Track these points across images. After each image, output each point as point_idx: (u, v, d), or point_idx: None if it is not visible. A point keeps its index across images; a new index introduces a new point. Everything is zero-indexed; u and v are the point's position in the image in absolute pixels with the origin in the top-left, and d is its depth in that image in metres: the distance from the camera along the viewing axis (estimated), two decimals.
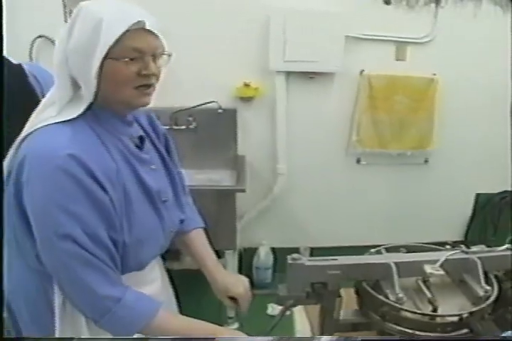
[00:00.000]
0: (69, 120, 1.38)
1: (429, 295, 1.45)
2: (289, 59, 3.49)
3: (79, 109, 1.39)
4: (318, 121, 3.85)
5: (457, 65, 3.90)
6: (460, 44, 3.86)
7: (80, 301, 1.40)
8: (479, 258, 1.56)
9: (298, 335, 1.77)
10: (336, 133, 3.92)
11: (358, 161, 4.01)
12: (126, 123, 1.54)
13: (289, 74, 3.65)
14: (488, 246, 1.69)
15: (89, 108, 1.41)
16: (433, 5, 3.82)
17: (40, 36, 3.39)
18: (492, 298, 1.48)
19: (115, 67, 1.35)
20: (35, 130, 1.39)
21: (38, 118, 1.44)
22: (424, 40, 3.82)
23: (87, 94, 1.39)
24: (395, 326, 1.46)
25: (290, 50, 3.46)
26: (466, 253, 1.61)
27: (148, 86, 1.43)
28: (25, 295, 1.52)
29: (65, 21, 3.26)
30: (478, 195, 4.39)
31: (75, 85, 1.43)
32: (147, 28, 1.37)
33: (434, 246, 1.70)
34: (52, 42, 3.35)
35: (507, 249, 1.67)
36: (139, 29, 1.35)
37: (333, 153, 3.97)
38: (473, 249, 1.65)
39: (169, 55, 1.46)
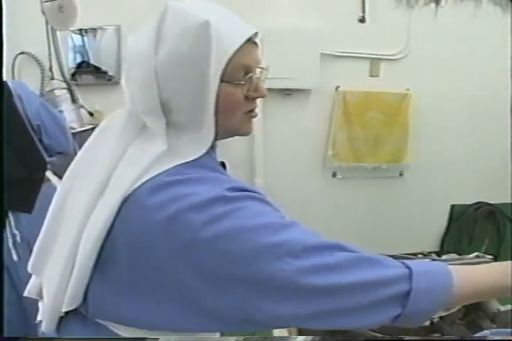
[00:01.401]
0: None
1: None
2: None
3: (202, 144, 1.10)
4: (294, 137, 3.93)
5: (430, 80, 4.02)
6: (432, 60, 3.99)
7: (367, 307, 1.01)
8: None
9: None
10: (312, 148, 3.99)
11: (334, 175, 4.07)
12: (215, 149, 1.23)
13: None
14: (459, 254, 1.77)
15: (215, 141, 1.14)
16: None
17: (22, 53, 3.41)
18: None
19: (225, 91, 1.08)
20: (158, 176, 1.03)
21: (139, 156, 1.08)
22: (398, 56, 3.95)
23: (202, 124, 1.10)
24: (369, 331, 1.53)
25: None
26: (434, 260, 1.68)
27: (254, 110, 1.18)
28: None
29: (47, 38, 3.31)
30: (453, 207, 4.48)
31: (165, 108, 1.10)
32: (256, 40, 1.16)
33: (406, 256, 1.76)
34: (35, 58, 3.41)
35: (476, 256, 1.74)
36: (246, 42, 1.09)
37: (309, 168, 4.03)
38: (444, 257, 1.73)
39: (267, 70, 1.21)
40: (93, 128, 1.22)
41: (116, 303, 1.06)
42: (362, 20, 3.80)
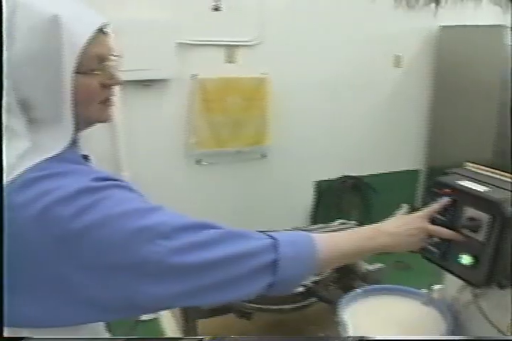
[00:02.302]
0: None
1: None
2: (123, 68, 3.42)
3: (62, 137, 1.09)
4: (156, 127, 3.91)
5: (287, 64, 4.16)
6: (288, 45, 4.14)
7: (240, 279, 1.07)
8: None
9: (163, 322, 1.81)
10: (174, 137, 3.99)
11: (199, 162, 4.09)
12: (78, 142, 1.22)
13: (124, 83, 3.58)
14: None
15: (76, 133, 1.15)
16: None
17: None
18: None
19: (81, 82, 1.07)
20: (23, 173, 1.02)
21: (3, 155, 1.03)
22: (253, 42, 4.02)
23: (61, 117, 1.08)
24: (249, 304, 1.57)
25: (123, 60, 3.42)
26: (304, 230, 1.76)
27: (110, 98, 1.20)
28: None
29: None
30: (318, 183, 4.66)
31: (24, 106, 1.07)
32: (107, 29, 1.14)
33: (273, 230, 1.81)
34: None
35: (341, 223, 1.84)
36: (97, 32, 1.09)
37: (174, 157, 4.03)
38: (310, 227, 1.80)
39: (121, 57, 1.22)
40: None
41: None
42: (216, 8, 3.83)
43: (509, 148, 4.39)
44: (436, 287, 1.50)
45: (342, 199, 4.64)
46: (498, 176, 1.27)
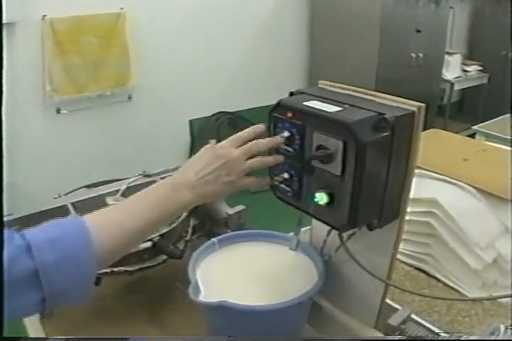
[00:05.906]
0: None
1: None
2: None
3: None
4: (8, 77, 3.54)
5: None
6: None
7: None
8: None
9: None
10: (29, 87, 3.69)
11: (59, 111, 3.81)
12: None
13: None
14: None
15: None
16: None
17: None
18: (182, 217, 1.47)
19: None
20: None
21: None
22: None
23: None
24: None
25: None
26: (149, 176, 1.59)
27: None
28: None
29: None
30: (191, 121, 4.53)
31: None
32: None
33: (116, 179, 1.64)
34: None
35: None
36: None
37: (31, 108, 3.74)
38: (156, 171, 1.64)
39: None
40: None
41: None
42: None
43: (392, 76, 4.52)
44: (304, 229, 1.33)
45: (219, 135, 4.46)
46: (357, 94, 1.06)
